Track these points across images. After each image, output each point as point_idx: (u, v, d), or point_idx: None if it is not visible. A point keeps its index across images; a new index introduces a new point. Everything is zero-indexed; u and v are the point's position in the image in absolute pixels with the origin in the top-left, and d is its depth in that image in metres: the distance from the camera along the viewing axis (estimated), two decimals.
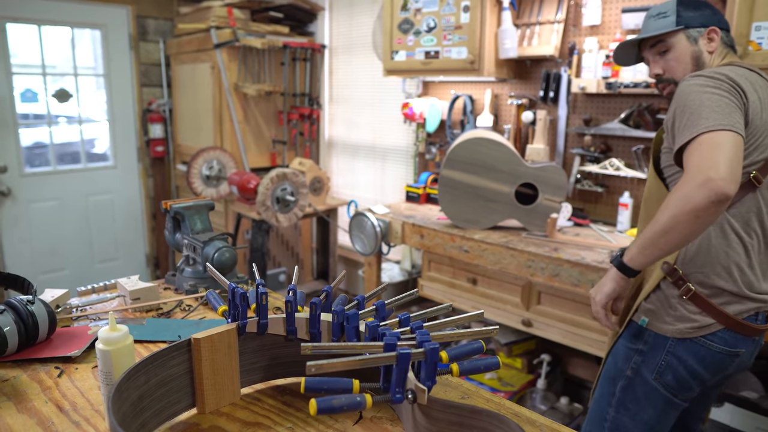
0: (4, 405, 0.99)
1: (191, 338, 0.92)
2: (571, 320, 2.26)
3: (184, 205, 1.62)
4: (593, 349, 2.20)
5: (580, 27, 2.67)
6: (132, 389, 0.83)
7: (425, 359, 0.79)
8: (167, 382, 0.91)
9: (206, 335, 0.93)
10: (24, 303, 1.18)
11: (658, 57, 1.52)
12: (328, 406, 0.75)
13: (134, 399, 0.84)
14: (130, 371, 0.83)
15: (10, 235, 3.87)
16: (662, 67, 1.51)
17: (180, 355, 0.92)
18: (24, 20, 3.75)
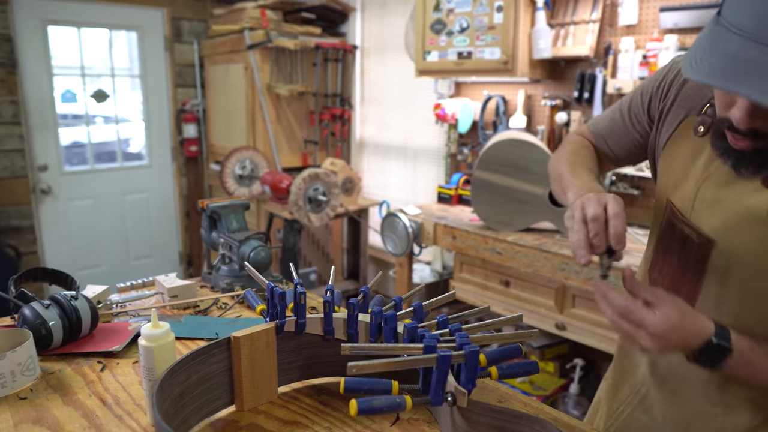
0: (51, 397, 1.02)
1: (231, 336, 0.93)
2: (607, 324, 2.22)
3: (220, 204, 1.64)
4: None
5: (616, 26, 2.63)
6: (174, 385, 0.85)
7: (465, 362, 0.79)
8: (207, 379, 0.92)
9: (246, 333, 0.94)
10: (68, 298, 1.21)
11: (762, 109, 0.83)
12: (368, 406, 0.75)
13: (176, 395, 0.85)
14: (172, 368, 0.84)
15: (49, 231, 3.97)
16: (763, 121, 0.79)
17: (220, 352, 0.93)
18: (64, 23, 3.85)
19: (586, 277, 2.11)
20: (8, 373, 1.02)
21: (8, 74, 3.63)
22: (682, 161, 0.97)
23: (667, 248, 1.01)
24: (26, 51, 3.71)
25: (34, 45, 3.73)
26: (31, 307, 1.17)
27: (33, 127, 3.81)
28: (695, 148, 0.95)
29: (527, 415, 0.77)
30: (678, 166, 0.98)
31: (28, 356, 1.05)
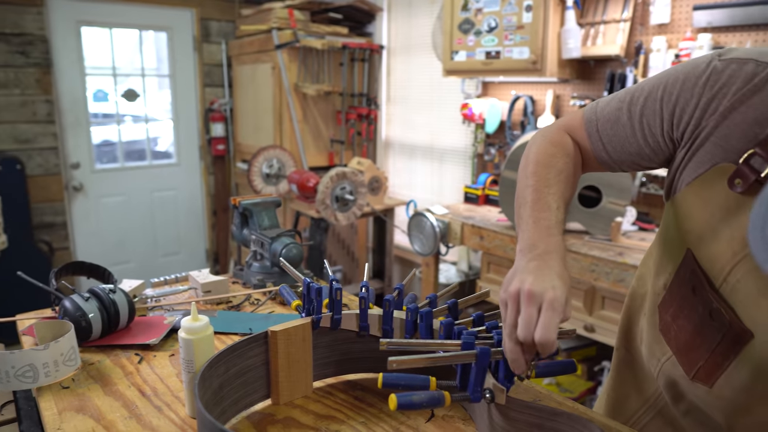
0: (92, 387, 1.04)
1: (268, 331, 0.95)
2: None
3: (252, 201, 1.66)
4: None
5: (647, 25, 2.59)
6: (214, 378, 0.86)
7: (504, 359, 0.79)
8: (245, 373, 0.93)
9: (283, 328, 0.95)
10: (106, 292, 1.23)
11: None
12: (407, 401, 0.75)
13: (215, 387, 0.87)
14: (212, 360, 0.86)
15: (81, 228, 4.06)
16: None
17: (258, 346, 0.94)
18: (97, 24, 3.93)
19: (617, 279, 2.09)
20: (51, 362, 1.04)
21: (44, 74, 3.72)
22: (710, 212, 0.77)
23: (684, 301, 0.82)
24: (61, 51, 3.79)
25: (68, 45, 3.81)
26: (72, 300, 1.20)
27: (66, 125, 3.89)
28: (729, 205, 0.75)
29: (567, 413, 0.77)
30: (704, 217, 0.79)
31: (69, 347, 1.08)
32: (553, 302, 0.72)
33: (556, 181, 0.89)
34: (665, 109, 0.81)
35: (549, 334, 0.71)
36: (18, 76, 3.64)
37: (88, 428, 0.91)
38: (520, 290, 0.74)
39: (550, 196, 0.86)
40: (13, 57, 3.61)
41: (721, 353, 0.77)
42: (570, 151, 0.94)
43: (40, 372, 1.03)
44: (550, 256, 0.78)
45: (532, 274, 0.75)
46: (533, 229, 0.82)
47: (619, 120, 0.88)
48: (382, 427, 0.92)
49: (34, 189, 3.75)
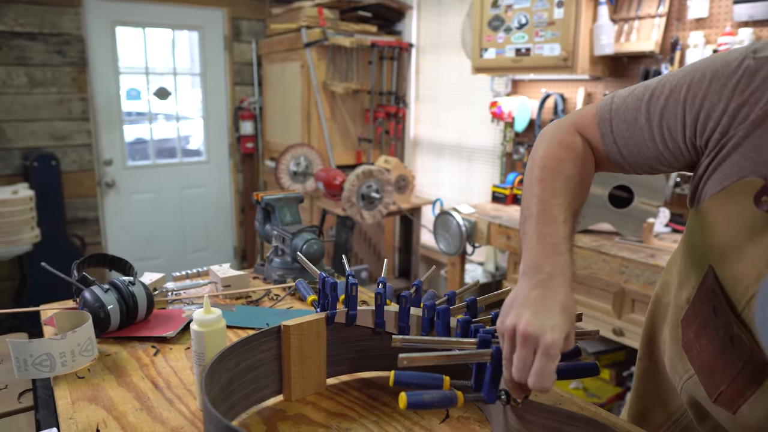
0: (106, 378, 1.04)
1: (281, 325, 0.93)
2: None
3: (274, 197, 1.65)
4: None
5: (684, 20, 2.51)
6: (223, 371, 0.85)
7: None
8: (256, 367, 0.92)
9: (296, 323, 0.93)
10: (126, 284, 1.24)
11: None
12: (418, 400, 0.72)
13: (225, 381, 0.85)
14: (222, 353, 0.84)
15: (112, 223, 4.13)
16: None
17: (270, 341, 0.93)
18: (131, 24, 4.00)
19: (648, 281, 2.02)
20: (68, 352, 1.04)
21: (79, 73, 3.80)
22: (735, 229, 0.70)
23: (706, 320, 0.75)
24: (96, 51, 3.87)
25: (104, 45, 3.89)
26: (92, 291, 1.20)
27: (100, 123, 3.97)
28: (755, 223, 0.67)
29: (586, 417, 0.73)
30: (728, 233, 0.71)
31: (87, 337, 1.08)
32: (549, 348, 0.65)
33: (564, 189, 0.80)
34: (688, 114, 0.72)
35: (543, 381, 0.66)
36: (55, 75, 3.73)
37: (99, 418, 0.91)
38: (516, 328, 0.68)
39: (557, 208, 0.78)
40: (51, 56, 3.69)
41: (743, 381, 0.70)
42: (580, 154, 0.85)
43: (57, 361, 1.03)
44: (555, 281, 0.71)
45: (531, 308, 0.69)
46: (538, 246, 0.75)
47: (637, 121, 0.79)
48: (394, 426, 0.90)
49: (69, 185, 3.83)
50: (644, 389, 1.02)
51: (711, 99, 0.69)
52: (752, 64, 0.66)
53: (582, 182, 0.84)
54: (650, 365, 1.00)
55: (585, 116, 0.87)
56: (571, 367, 0.83)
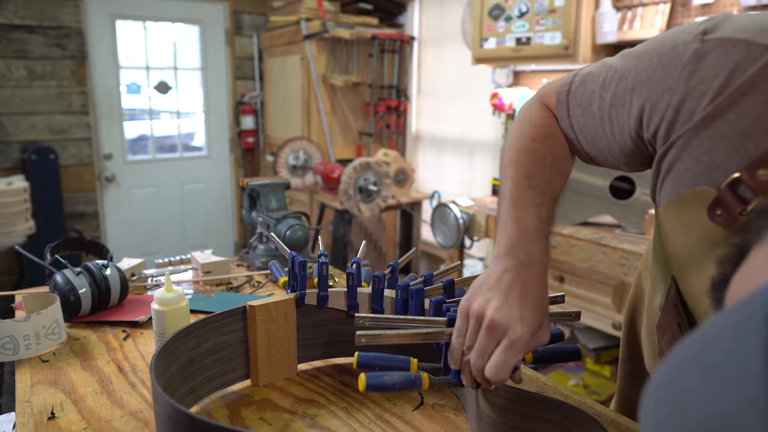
0: (71, 362, 1.00)
1: (246, 305, 0.88)
2: None
3: (260, 182, 1.61)
4: None
5: (689, 7, 2.44)
6: (181, 351, 0.80)
7: None
8: (220, 349, 0.87)
9: (262, 303, 0.89)
10: (99, 267, 1.20)
11: None
12: (378, 382, 0.67)
13: (184, 362, 0.81)
14: (179, 332, 0.80)
15: (112, 217, 4.12)
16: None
17: (235, 322, 0.88)
18: (131, 17, 3.98)
19: None
20: (33, 335, 1.00)
21: (79, 66, 3.78)
22: (693, 243, 0.64)
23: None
24: (96, 44, 3.85)
25: (103, 38, 3.87)
26: (63, 274, 1.16)
27: (100, 117, 3.95)
28: (713, 238, 0.60)
29: (561, 403, 0.68)
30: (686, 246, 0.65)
31: (53, 320, 1.04)
32: (515, 342, 0.62)
33: (540, 170, 0.74)
34: (635, 102, 0.64)
35: (500, 374, 0.62)
36: (54, 68, 3.71)
37: (56, 401, 0.87)
38: (483, 312, 0.64)
39: (531, 190, 0.72)
40: (50, 49, 3.68)
41: None
42: (552, 132, 0.78)
43: (20, 344, 0.99)
44: (528, 270, 0.66)
45: (502, 294, 0.64)
46: (513, 229, 0.69)
47: (590, 106, 0.72)
48: (364, 413, 0.85)
49: (67, 179, 3.81)
50: (629, 389, 0.97)
51: (656, 88, 0.61)
52: (699, 48, 0.57)
53: (557, 162, 0.77)
54: (634, 367, 0.94)
55: (548, 93, 0.80)
56: (552, 350, 0.78)
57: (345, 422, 0.82)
